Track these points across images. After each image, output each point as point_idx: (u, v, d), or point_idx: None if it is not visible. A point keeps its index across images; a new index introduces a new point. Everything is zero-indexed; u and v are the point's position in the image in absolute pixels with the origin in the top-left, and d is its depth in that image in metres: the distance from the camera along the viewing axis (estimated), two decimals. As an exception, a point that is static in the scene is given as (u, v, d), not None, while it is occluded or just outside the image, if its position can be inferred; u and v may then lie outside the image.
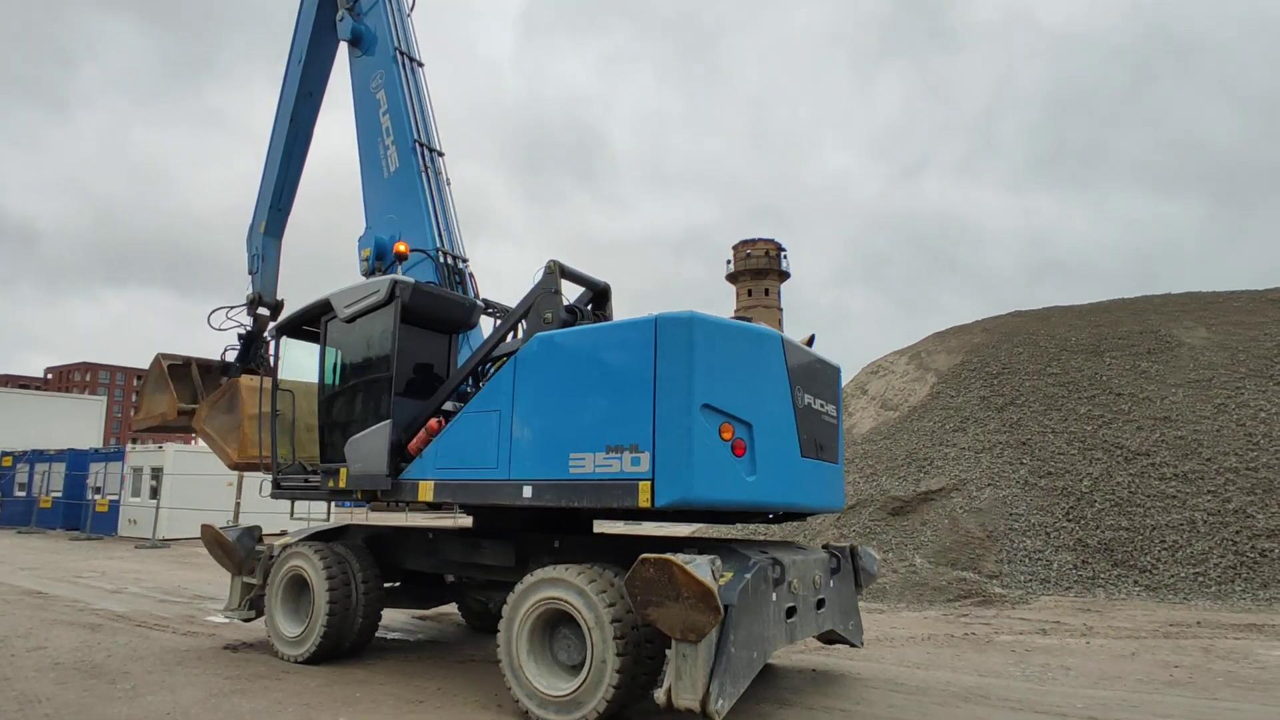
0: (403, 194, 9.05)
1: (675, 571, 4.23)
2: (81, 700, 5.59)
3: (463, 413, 5.94)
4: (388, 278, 6.68)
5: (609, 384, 5.14)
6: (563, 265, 5.99)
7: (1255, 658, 7.87)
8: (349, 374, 6.96)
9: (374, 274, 8.81)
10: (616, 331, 5.23)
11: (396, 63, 9.65)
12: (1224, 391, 16.56)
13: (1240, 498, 13.78)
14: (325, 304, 7.13)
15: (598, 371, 5.22)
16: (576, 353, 5.38)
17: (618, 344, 5.18)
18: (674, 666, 4.46)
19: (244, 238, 11.29)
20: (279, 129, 11.22)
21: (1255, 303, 19.91)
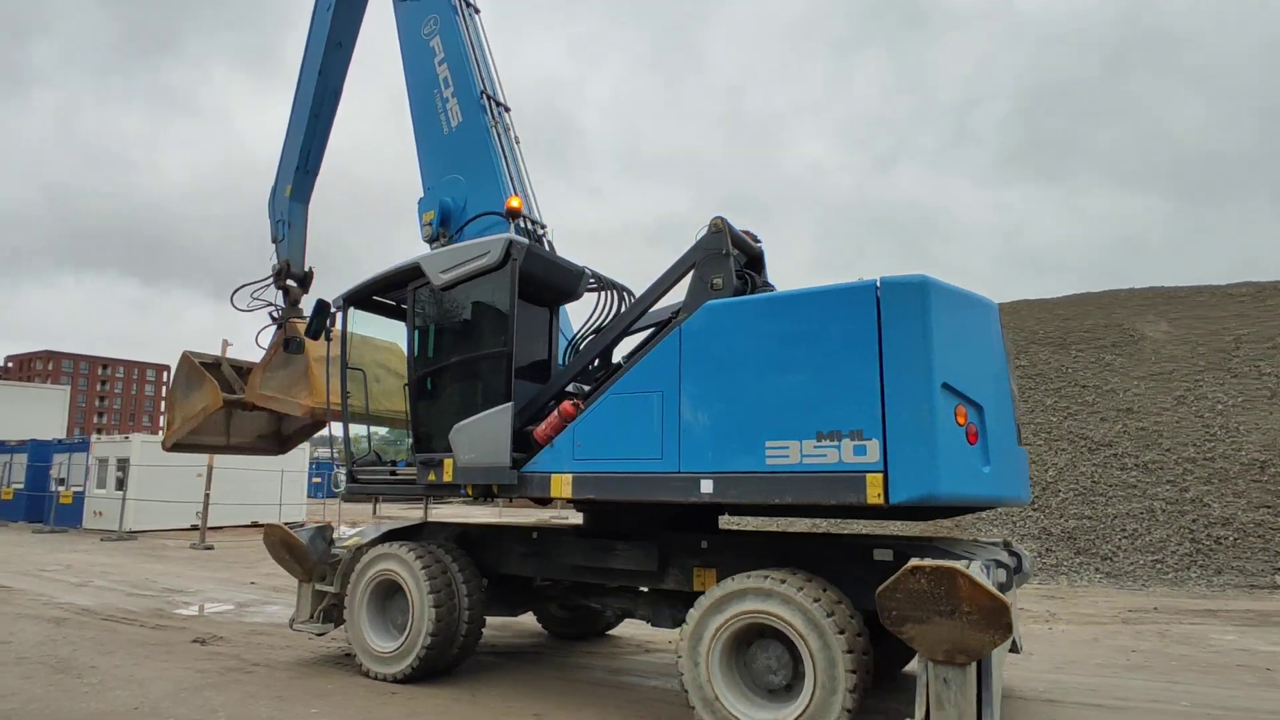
0: (469, 151, 8.04)
1: (960, 582, 3.49)
2: (47, 695, 5.44)
3: (608, 394, 5.07)
4: (501, 237, 5.73)
5: (815, 360, 4.34)
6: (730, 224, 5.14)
7: (1209, 642, 8.10)
8: (449, 350, 5.99)
9: (437, 240, 7.83)
10: (822, 299, 4.42)
11: (454, 6, 8.61)
12: (1184, 384, 17.13)
13: (1197, 487, 14.29)
14: (413, 269, 6.15)
15: (797, 345, 4.41)
16: (765, 324, 4.55)
17: (824, 313, 4.37)
18: (933, 694, 3.72)
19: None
20: (305, 84, 10.03)
21: (1215, 297, 20.54)
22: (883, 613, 3.77)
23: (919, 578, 3.59)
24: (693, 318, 4.82)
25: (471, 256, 5.77)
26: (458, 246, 6.00)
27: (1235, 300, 20.17)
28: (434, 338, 6.11)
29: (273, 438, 9.52)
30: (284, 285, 9.75)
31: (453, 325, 6.01)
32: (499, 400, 5.44)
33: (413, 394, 6.08)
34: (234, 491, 22.52)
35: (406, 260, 6.32)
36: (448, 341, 6.02)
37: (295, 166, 9.93)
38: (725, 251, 4.99)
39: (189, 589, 11.69)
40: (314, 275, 10.04)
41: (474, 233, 7.58)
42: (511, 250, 5.61)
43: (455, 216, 7.85)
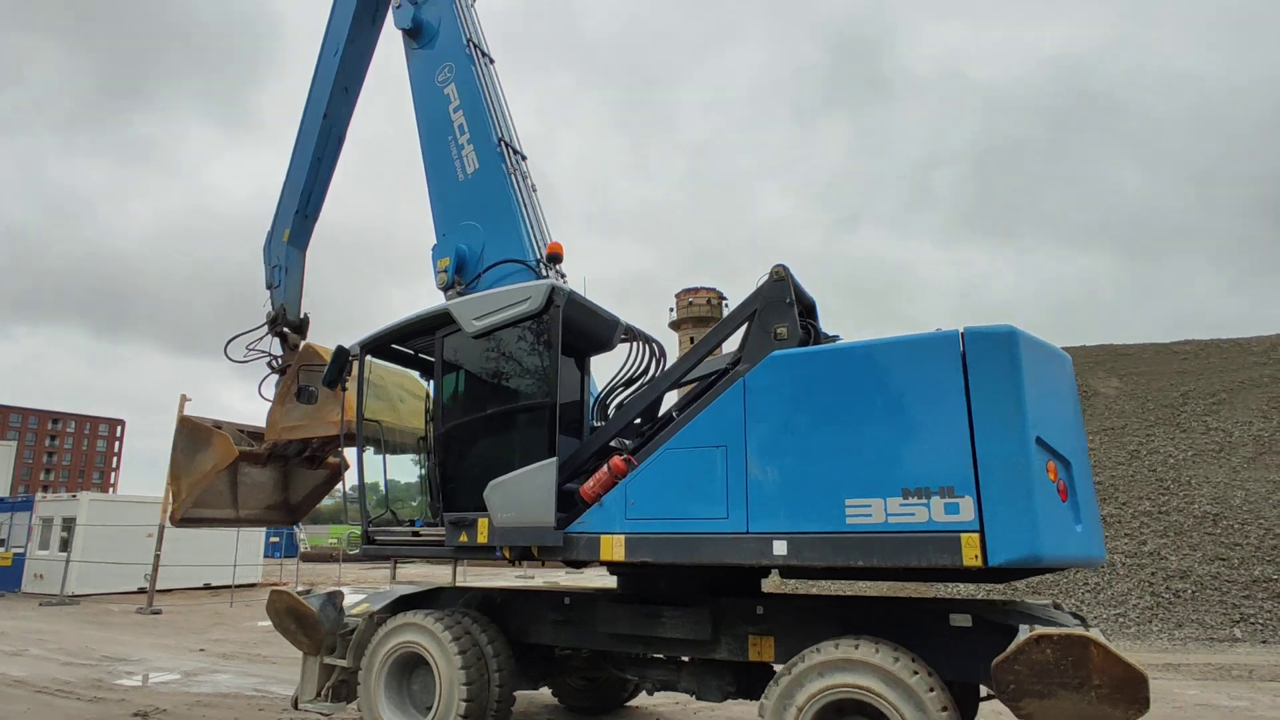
0: (486, 197, 7.83)
1: (1092, 652, 3.23)
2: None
3: (664, 449, 4.76)
4: (542, 282, 5.48)
5: (896, 413, 4.13)
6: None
7: (1173, 697, 8.04)
8: (482, 401, 5.65)
9: (452, 287, 7.54)
10: (900, 350, 4.23)
11: (469, 55, 8.51)
12: (1136, 438, 17.66)
13: (1154, 540, 14.60)
14: (443, 315, 5.83)
15: (876, 398, 4.21)
16: (838, 376, 4.35)
17: (904, 365, 4.19)
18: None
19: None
20: (308, 127, 9.78)
21: (1161, 355, 21.40)
22: (998, 686, 3.48)
23: (1044, 648, 3.32)
24: (758, 369, 4.58)
25: (510, 303, 5.49)
26: (494, 292, 5.71)
27: (1180, 357, 20.98)
28: (465, 388, 5.76)
29: (281, 507, 8.91)
30: (279, 332, 9.31)
31: (486, 375, 5.68)
32: (541, 455, 5.09)
33: (440, 448, 5.70)
34: (185, 552, 21.24)
35: (433, 306, 6.01)
36: (481, 392, 5.68)
37: (295, 211, 9.59)
38: (789, 300, 4.80)
39: (132, 657, 10.95)
40: (310, 321, 9.64)
41: (491, 280, 7.31)
42: (554, 296, 5.35)
43: (471, 263, 7.58)
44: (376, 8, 10.03)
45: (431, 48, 8.90)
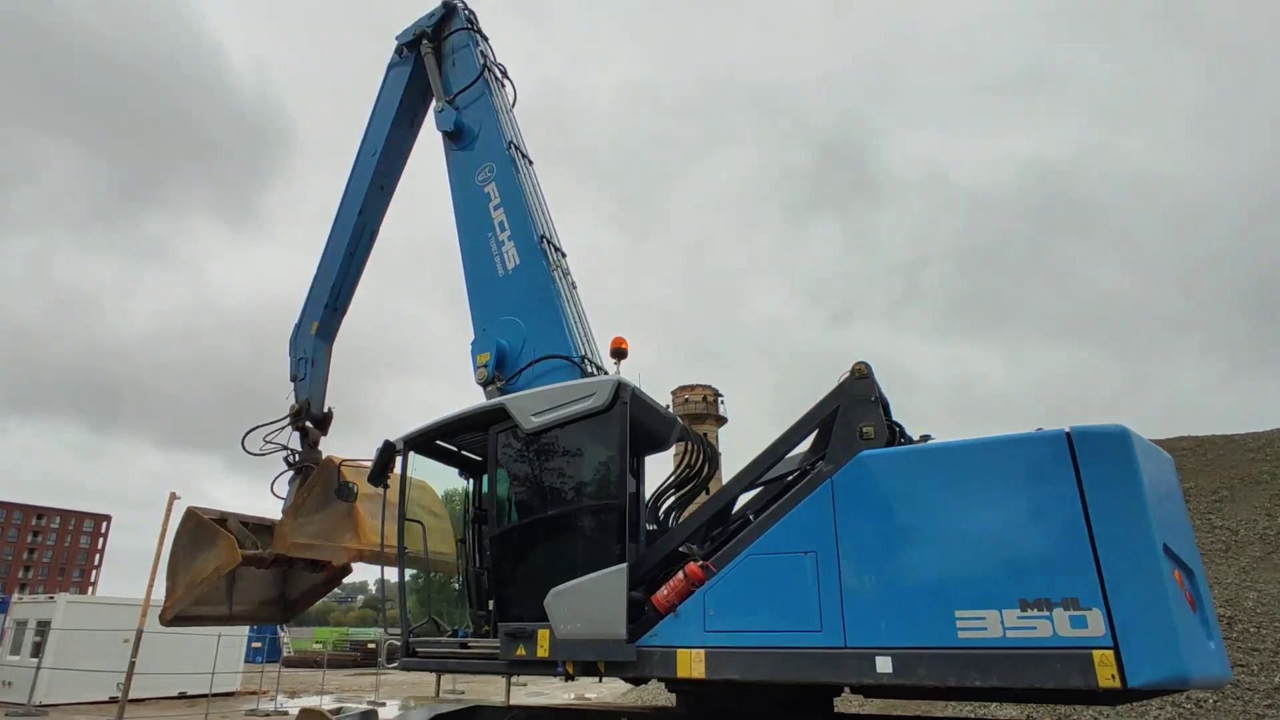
0: (527, 293, 7.78)
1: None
2: None
3: (746, 555, 4.48)
4: (608, 378, 5.31)
5: (1005, 518, 3.90)
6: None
7: None
8: (541, 502, 5.35)
9: (492, 384, 7.36)
10: (1003, 450, 4.05)
11: (510, 156, 8.68)
12: None
13: None
14: (496, 411, 5.62)
15: (981, 501, 3.98)
16: (937, 477, 4.14)
17: (1007, 466, 3.99)
18: None
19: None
20: (343, 223, 9.86)
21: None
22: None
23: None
24: (847, 470, 4.37)
25: (573, 398, 5.30)
26: (555, 387, 5.52)
27: (1179, 454, 20.91)
28: (521, 487, 5.48)
29: (276, 603, 8.40)
30: (302, 426, 9.03)
31: (546, 474, 5.40)
32: (609, 560, 4.77)
33: (493, 552, 5.36)
34: (163, 659, 20.02)
35: (487, 402, 5.81)
36: (539, 492, 5.39)
37: (325, 304, 9.53)
38: (874, 398, 4.64)
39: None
40: (333, 417, 9.37)
41: (532, 376, 7.17)
42: (620, 392, 5.17)
43: (511, 359, 7.43)
44: (415, 111, 10.34)
45: (471, 149, 9.08)
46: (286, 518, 7.86)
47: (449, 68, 9.84)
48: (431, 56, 9.87)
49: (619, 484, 4.94)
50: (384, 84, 10.39)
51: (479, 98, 9.25)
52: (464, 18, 10.01)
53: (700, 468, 6.17)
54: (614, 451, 5.06)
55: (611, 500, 4.96)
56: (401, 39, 10.33)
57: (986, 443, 4.13)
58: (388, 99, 10.23)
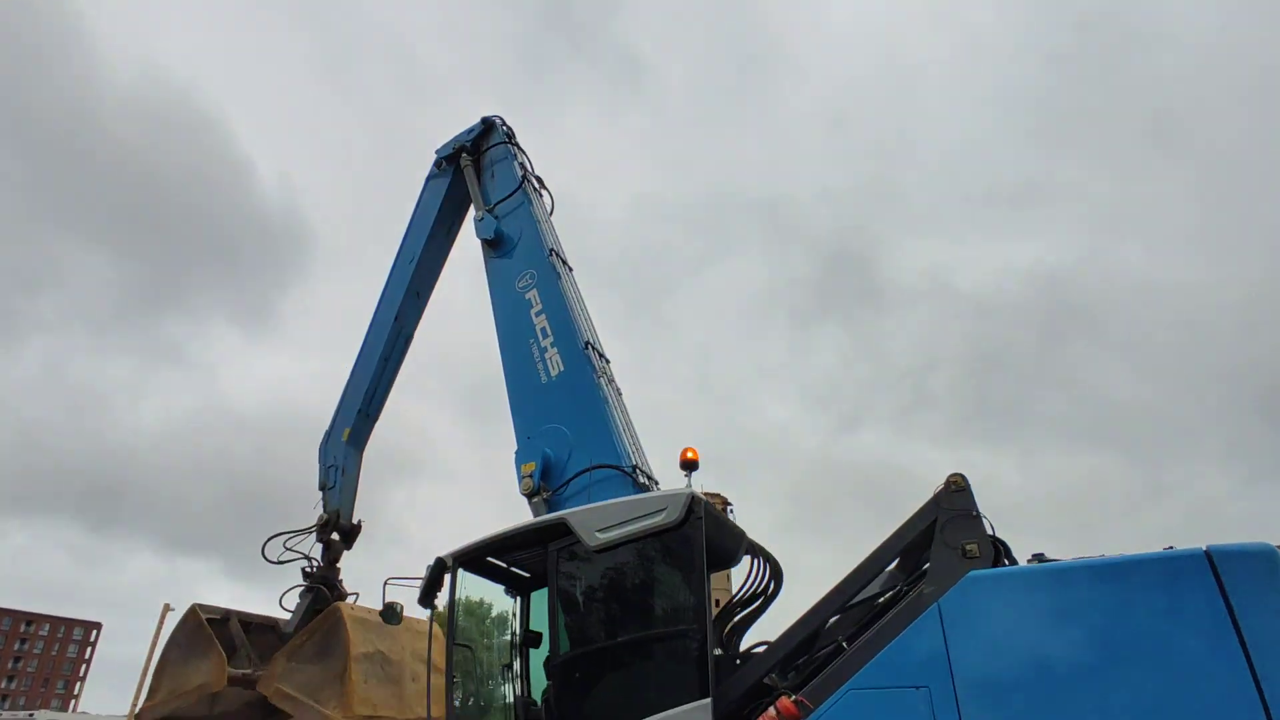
0: (572, 401, 7.57)
1: None
2: None
3: (848, 689, 4.07)
4: (680, 491, 5.01)
5: (1144, 648, 3.54)
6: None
7: None
8: (608, 625, 4.95)
9: (538, 495, 7.04)
10: (1134, 571, 3.73)
11: (550, 263, 8.70)
12: None
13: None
14: (556, 526, 5.29)
15: (1112, 629, 3.63)
16: (1059, 602, 3.80)
17: (1141, 590, 3.66)
18: None
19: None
20: (378, 328, 9.79)
21: None
22: None
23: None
24: (955, 593, 4.02)
25: (642, 513, 4.98)
26: (620, 502, 5.22)
27: None
28: (584, 609, 5.09)
29: (259, 706, 7.75)
30: (327, 538, 8.63)
31: (612, 595, 5.02)
32: (690, 694, 4.33)
33: (556, 681, 4.90)
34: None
35: (545, 516, 5.49)
36: (605, 615, 5.00)
37: (358, 409, 9.32)
38: (975, 513, 4.35)
39: None
40: (361, 529, 8.98)
41: (580, 487, 6.87)
42: (695, 507, 4.87)
43: (558, 469, 7.15)
44: (452, 221, 10.49)
45: (510, 256, 9.11)
46: (279, 658, 7.34)
47: (488, 179, 10.03)
48: (471, 169, 10.08)
49: (698, 608, 4.57)
50: (422, 195, 10.59)
51: (518, 206, 9.38)
52: (502, 132, 10.32)
53: (766, 585, 5.78)
54: (690, 572, 4.71)
55: (690, 626, 4.57)
56: (440, 153, 10.59)
57: (1113, 564, 3.81)
58: (426, 209, 10.39)
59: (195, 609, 7.75)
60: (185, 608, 7.80)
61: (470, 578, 6.12)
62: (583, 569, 5.13)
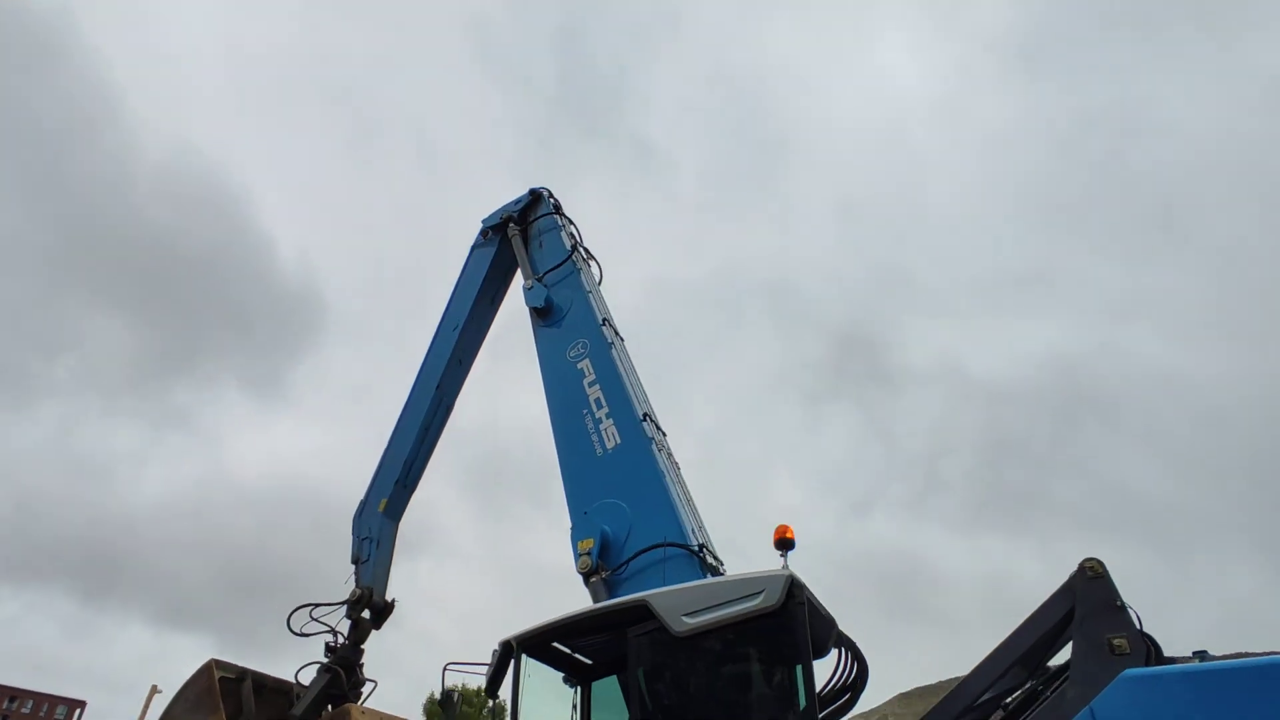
0: (630, 474, 7.22)
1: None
2: None
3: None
4: (776, 573, 4.62)
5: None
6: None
7: None
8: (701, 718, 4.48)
9: (595, 575, 6.62)
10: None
11: (603, 333, 8.51)
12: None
13: None
14: (636, 609, 4.88)
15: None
16: (1232, 707, 3.40)
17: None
18: None
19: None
20: (419, 396, 9.53)
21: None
22: None
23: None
24: (1109, 695, 3.61)
25: (734, 596, 4.58)
26: (708, 584, 4.84)
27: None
28: (671, 699, 4.61)
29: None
30: (357, 616, 8.12)
31: (704, 686, 4.57)
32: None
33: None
34: None
35: (621, 599, 5.09)
36: (696, 708, 4.53)
37: (395, 479, 8.96)
38: (1119, 603, 3.97)
39: None
40: (394, 608, 8.47)
41: (640, 566, 6.48)
42: (795, 591, 4.48)
43: (616, 547, 6.77)
44: (497, 290, 10.38)
45: (559, 326, 8.92)
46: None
47: (535, 249, 9.96)
48: (519, 238, 10.06)
49: (808, 703, 4.13)
50: (467, 263, 10.51)
51: (568, 275, 9.26)
52: (550, 204, 10.34)
53: (853, 679, 5.32)
54: (794, 660, 4.29)
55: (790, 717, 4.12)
56: (487, 222, 10.58)
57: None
58: (471, 277, 10.29)
59: (211, 665, 7.24)
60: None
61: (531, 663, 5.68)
62: (667, 656, 4.69)
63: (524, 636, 5.20)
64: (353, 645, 7.98)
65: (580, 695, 5.83)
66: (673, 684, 4.66)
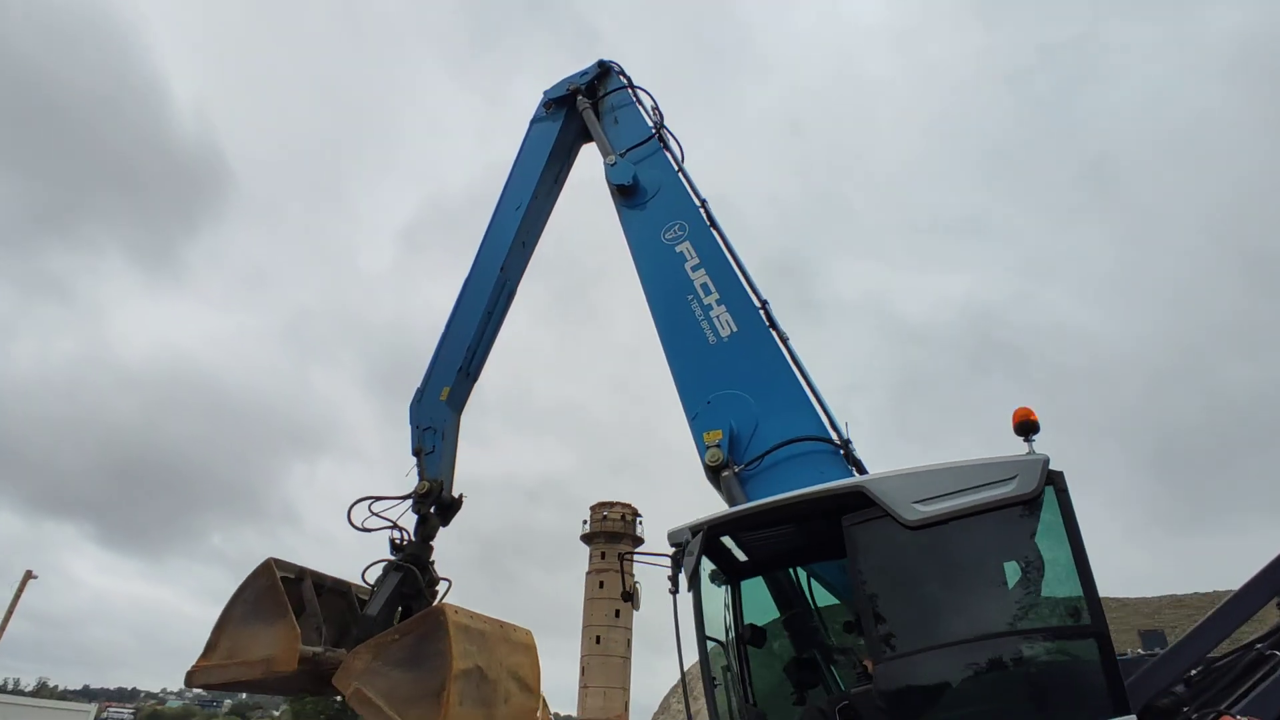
0: (751, 365, 6.57)
1: None
2: None
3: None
4: (1034, 456, 4.07)
5: None
6: None
7: None
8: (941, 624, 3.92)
9: (725, 468, 6.03)
10: None
11: (701, 215, 7.71)
12: None
13: None
14: (850, 495, 4.28)
15: None
16: None
17: None
18: None
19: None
20: (481, 280, 8.57)
21: None
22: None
23: None
24: None
25: (979, 482, 4.02)
26: (943, 468, 4.22)
27: None
28: (903, 601, 4.08)
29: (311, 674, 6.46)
30: (425, 511, 7.35)
31: (947, 582, 4.04)
32: (1105, 709, 3.39)
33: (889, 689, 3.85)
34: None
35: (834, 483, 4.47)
36: (944, 607, 3.99)
37: (458, 367, 8.08)
38: None
39: None
40: (462, 504, 7.72)
41: (775, 461, 5.93)
42: (1054, 477, 3.95)
43: (743, 440, 6.17)
44: (560, 166, 9.43)
45: (645, 207, 8.10)
46: (362, 652, 6.04)
47: (610, 124, 9.03)
48: (590, 112, 9.08)
49: (1090, 600, 3.63)
50: (527, 138, 9.48)
51: (654, 153, 8.39)
52: (620, 78, 9.35)
53: None
54: (1066, 555, 3.78)
55: (1081, 623, 3.63)
56: (551, 94, 9.53)
57: None
58: (532, 153, 9.29)
59: (270, 564, 6.42)
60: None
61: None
62: (896, 548, 4.13)
63: (717, 521, 4.56)
64: (422, 542, 7.24)
65: (730, 595, 5.29)
66: (902, 578, 4.12)
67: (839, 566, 5.47)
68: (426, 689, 5.77)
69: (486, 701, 6.14)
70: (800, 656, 4.97)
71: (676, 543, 4.57)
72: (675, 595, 4.48)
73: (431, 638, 5.98)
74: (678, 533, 4.65)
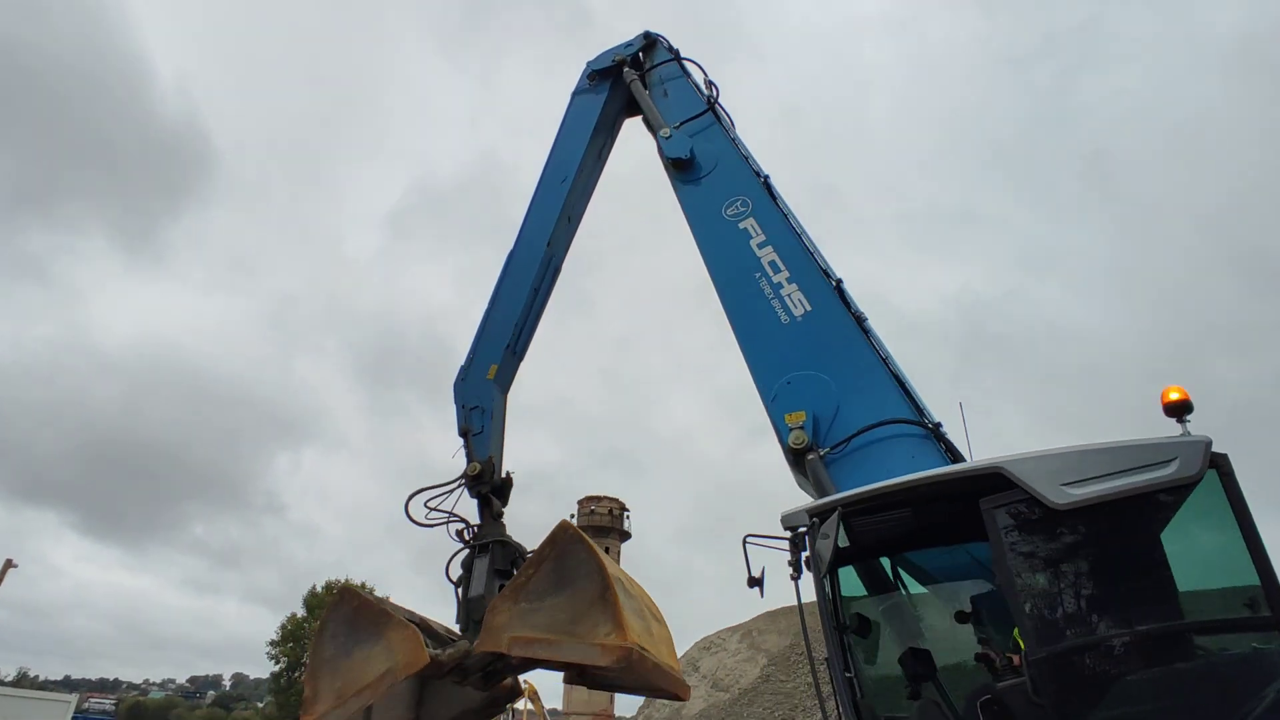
0: (829, 345, 6.31)
1: None
2: None
3: None
4: (1191, 437, 3.85)
5: None
6: None
7: None
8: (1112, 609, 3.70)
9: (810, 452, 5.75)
10: None
11: (764, 190, 7.43)
12: None
13: None
14: (988, 476, 4.03)
15: None
16: None
17: None
18: None
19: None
20: (526, 255, 8.17)
21: None
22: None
23: None
24: None
25: (1135, 464, 3.80)
26: (1092, 449, 3.97)
27: None
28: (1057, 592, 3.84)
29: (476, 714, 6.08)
30: (481, 492, 6.96)
31: (1103, 569, 3.80)
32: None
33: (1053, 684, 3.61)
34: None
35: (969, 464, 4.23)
36: (1095, 601, 3.76)
37: (505, 345, 7.69)
38: None
39: None
40: (513, 483, 7.35)
41: (860, 445, 5.68)
42: (1219, 459, 3.73)
43: (824, 423, 5.91)
44: (605, 140, 9.08)
45: (699, 183, 7.80)
46: (503, 602, 5.60)
47: (659, 96, 8.71)
48: (638, 84, 8.75)
49: (1268, 588, 3.42)
50: (569, 111, 9.09)
51: (709, 126, 8.08)
52: (668, 50, 9.04)
53: None
54: (1236, 542, 3.56)
55: (1261, 614, 3.41)
56: (595, 64, 9.16)
57: None
58: (576, 125, 8.91)
59: (352, 590, 6.02)
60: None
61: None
62: (1043, 534, 3.88)
63: (849, 500, 4.28)
64: (495, 518, 6.83)
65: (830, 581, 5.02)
66: (1052, 566, 3.88)
67: (942, 553, 5.25)
68: (586, 600, 5.12)
69: (640, 614, 5.53)
70: (914, 648, 4.71)
71: (791, 525, 4.28)
72: (797, 580, 4.19)
73: (570, 553, 5.38)
74: (793, 515, 4.38)
